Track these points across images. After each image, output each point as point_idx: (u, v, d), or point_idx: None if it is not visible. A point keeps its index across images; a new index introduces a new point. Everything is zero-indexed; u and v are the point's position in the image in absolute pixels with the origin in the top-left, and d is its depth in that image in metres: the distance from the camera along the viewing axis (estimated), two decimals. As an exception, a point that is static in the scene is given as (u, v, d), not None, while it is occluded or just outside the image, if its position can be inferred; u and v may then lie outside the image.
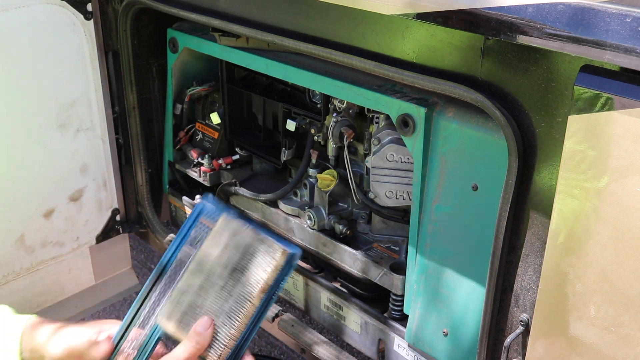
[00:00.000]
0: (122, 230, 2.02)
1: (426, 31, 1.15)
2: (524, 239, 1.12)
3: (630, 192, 0.90)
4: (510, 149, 1.06)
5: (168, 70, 1.84)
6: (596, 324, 0.99)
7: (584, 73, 0.92)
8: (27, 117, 1.71)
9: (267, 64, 1.52)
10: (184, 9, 1.57)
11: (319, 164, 1.60)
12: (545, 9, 0.94)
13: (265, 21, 1.42)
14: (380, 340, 1.51)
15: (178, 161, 1.96)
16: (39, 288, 1.89)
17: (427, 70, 1.17)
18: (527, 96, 1.05)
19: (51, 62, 1.71)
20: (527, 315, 1.15)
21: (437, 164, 1.24)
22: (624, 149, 0.89)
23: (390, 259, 1.48)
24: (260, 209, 1.75)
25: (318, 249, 1.61)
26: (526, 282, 1.14)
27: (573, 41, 0.91)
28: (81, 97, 1.80)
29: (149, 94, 1.90)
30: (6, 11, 1.59)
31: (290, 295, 1.73)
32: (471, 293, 1.24)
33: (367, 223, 1.59)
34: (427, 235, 1.29)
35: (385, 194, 1.42)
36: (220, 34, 1.61)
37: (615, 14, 0.87)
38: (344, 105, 1.48)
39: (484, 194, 1.17)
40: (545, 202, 1.07)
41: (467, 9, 1.02)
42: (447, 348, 1.32)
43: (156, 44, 1.84)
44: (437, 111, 1.23)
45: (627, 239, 0.92)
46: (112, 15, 1.79)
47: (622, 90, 0.88)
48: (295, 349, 1.71)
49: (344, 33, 1.27)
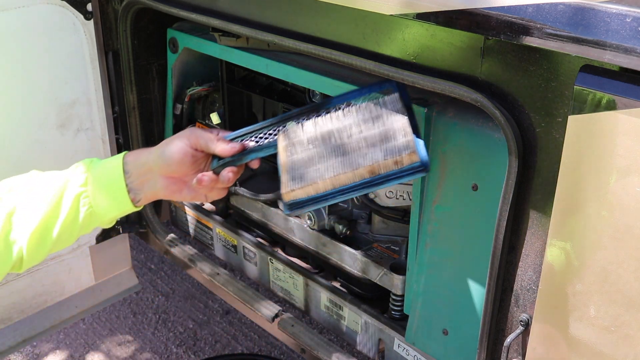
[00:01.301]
0: (122, 230, 2.02)
1: (426, 31, 1.15)
2: (524, 239, 1.12)
3: (630, 192, 0.90)
4: (510, 149, 1.06)
5: (168, 70, 1.84)
6: (596, 324, 0.99)
7: (584, 73, 0.92)
8: (27, 117, 1.71)
9: (267, 64, 1.52)
10: (184, 9, 1.57)
11: (319, 164, 1.60)
12: (545, 9, 0.94)
13: (265, 21, 1.42)
14: (380, 340, 1.51)
15: (178, 161, 1.96)
16: (39, 288, 1.89)
17: (427, 70, 1.17)
18: (527, 96, 1.05)
19: (51, 62, 1.71)
20: (527, 315, 1.15)
21: (437, 164, 1.24)
22: (624, 149, 0.89)
23: (390, 259, 1.48)
24: (260, 209, 1.75)
25: (318, 249, 1.61)
26: (526, 282, 1.14)
27: (573, 41, 0.91)
28: (81, 97, 1.80)
29: (149, 94, 1.90)
30: (6, 11, 1.59)
31: (290, 295, 1.73)
32: (471, 293, 1.24)
33: (367, 223, 1.59)
34: (427, 235, 1.29)
35: (385, 194, 1.42)
36: (220, 34, 1.61)
37: (615, 14, 0.87)
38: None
39: (484, 194, 1.18)
40: (545, 202, 1.07)
41: (467, 9, 1.02)
42: (447, 348, 1.32)
43: (156, 44, 1.84)
44: (437, 111, 1.23)
45: (627, 239, 0.92)
46: (112, 15, 1.79)
47: (622, 90, 0.88)
48: (295, 349, 1.71)
49: (344, 33, 1.27)
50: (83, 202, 1.14)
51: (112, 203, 1.16)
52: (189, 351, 2.63)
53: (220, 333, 2.72)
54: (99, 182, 1.15)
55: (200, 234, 1.97)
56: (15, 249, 1.12)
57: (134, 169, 1.16)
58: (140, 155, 1.18)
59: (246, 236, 1.81)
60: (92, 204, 1.14)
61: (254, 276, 1.84)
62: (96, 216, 1.16)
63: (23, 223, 1.12)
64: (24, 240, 1.12)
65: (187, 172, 1.18)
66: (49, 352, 2.61)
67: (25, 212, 1.13)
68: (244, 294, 1.80)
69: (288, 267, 1.70)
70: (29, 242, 1.12)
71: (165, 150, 1.16)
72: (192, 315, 2.81)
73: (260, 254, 1.78)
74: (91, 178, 1.15)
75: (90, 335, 2.71)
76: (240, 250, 1.83)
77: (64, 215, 1.13)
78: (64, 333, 2.70)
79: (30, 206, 1.13)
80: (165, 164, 1.16)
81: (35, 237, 1.13)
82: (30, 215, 1.12)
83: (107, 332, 2.73)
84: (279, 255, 1.74)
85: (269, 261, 1.76)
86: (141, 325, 2.77)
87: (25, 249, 1.12)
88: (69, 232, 1.15)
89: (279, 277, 1.74)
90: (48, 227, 1.13)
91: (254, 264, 1.81)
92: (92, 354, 2.62)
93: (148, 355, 2.61)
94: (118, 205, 1.17)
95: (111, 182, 1.15)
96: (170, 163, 1.16)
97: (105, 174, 1.16)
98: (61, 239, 1.15)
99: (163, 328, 2.75)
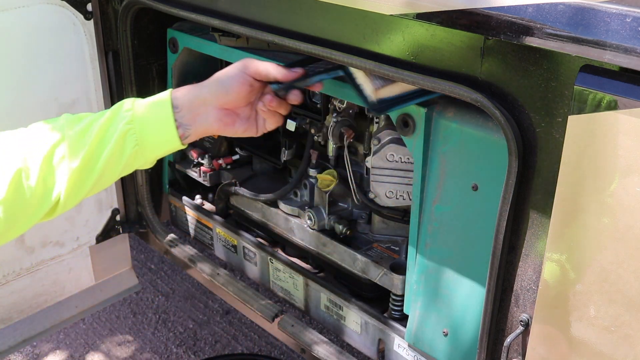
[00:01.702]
0: (122, 230, 2.02)
1: (426, 31, 1.15)
2: (524, 239, 1.12)
3: (630, 192, 0.90)
4: (510, 149, 1.06)
5: (168, 70, 1.84)
6: (596, 324, 0.99)
7: (584, 73, 0.92)
8: (27, 117, 1.71)
9: (267, 64, 1.52)
10: (184, 9, 1.57)
11: (319, 164, 1.60)
12: (545, 9, 0.94)
13: (265, 21, 1.42)
14: (380, 340, 1.51)
15: (178, 161, 1.97)
16: (39, 288, 1.89)
17: (427, 70, 1.17)
18: (527, 96, 1.05)
19: (51, 62, 1.71)
20: (527, 315, 1.15)
21: (437, 164, 1.24)
22: (624, 149, 0.89)
23: (390, 259, 1.48)
24: (260, 209, 1.75)
25: (318, 249, 1.61)
26: (526, 282, 1.14)
27: (573, 41, 0.91)
28: (81, 97, 1.79)
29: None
30: (6, 11, 1.59)
31: (290, 295, 1.73)
32: (471, 293, 1.24)
33: (367, 223, 1.59)
34: (427, 235, 1.29)
35: (385, 194, 1.42)
36: (220, 34, 1.61)
37: (615, 14, 0.87)
38: (344, 105, 1.48)
39: (484, 194, 1.17)
40: (545, 202, 1.07)
41: (467, 9, 1.02)
42: (447, 348, 1.32)
43: (156, 44, 1.84)
44: (437, 111, 1.23)
45: (627, 239, 0.92)
46: (112, 15, 1.79)
47: (622, 90, 0.88)
48: (295, 349, 1.71)
49: (344, 33, 1.27)
50: (130, 139, 1.12)
51: (161, 139, 1.14)
52: (189, 351, 2.63)
53: (220, 333, 2.72)
54: (146, 118, 1.13)
55: (200, 234, 1.97)
56: (55, 192, 1.11)
57: (186, 103, 1.15)
58: (190, 90, 1.17)
59: (246, 236, 1.81)
60: (139, 142, 1.12)
61: (254, 276, 1.84)
62: (142, 154, 1.14)
63: (63, 164, 1.10)
64: (63, 181, 1.10)
65: (241, 103, 1.19)
66: (49, 352, 2.62)
67: (66, 151, 1.10)
68: (244, 294, 1.80)
69: (288, 267, 1.70)
70: (69, 182, 1.10)
71: (224, 79, 1.17)
72: (192, 315, 2.81)
73: (260, 254, 1.78)
74: (138, 114, 1.13)
75: (90, 335, 2.71)
76: (240, 250, 1.83)
77: (107, 153, 1.11)
78: (64, 333, 2.70)
79: (70, 145, 1.10)
80: (224, 92, 1.16)
81: (75, 177, 1.10)
82: (71, 155, 1.10)
83: (107, 332, 2.73)
84: (279, 255, 1.74)
85: (269, 261, 1.76)
86: (141, 325, 2.77)
87: (64, 191, 1.10)
88: (110, 173, 1.13)
89: (279, 277, 1.74)
90: (90, 167, 1.11)
91: (254, 264, 1.81)
92: (92, 354, 2.62)
93: (148, 355, 2.61)
94: (166, 142, 1.15)
95: (160, 118, 1.14)
96: (229, 91, 1.16)
97: (154, 110, 1.14)
98: (101, 180, 1.13)
99: (163, 328, 2.75)
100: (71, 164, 1.10)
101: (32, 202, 1.10)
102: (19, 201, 1.08)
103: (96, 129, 1.11)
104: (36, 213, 1.11)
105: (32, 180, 1.08)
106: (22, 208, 1.09)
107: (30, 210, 1.11)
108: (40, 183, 1.09)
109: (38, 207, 1.11)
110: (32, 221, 1.13)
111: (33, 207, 1.10)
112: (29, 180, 1.08)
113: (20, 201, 1.08)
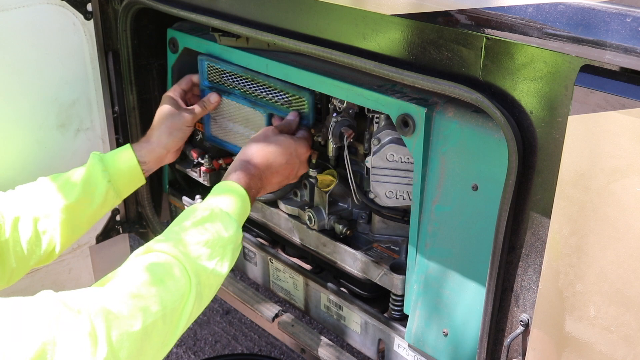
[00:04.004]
0: (122, 230, 2.02)
1: (426, 31, 1.15)
2: (524, 239, 1.12)
3: (630, 192, 0.90)
4: (510, 149, 1.06)
5: (168, 70, 1.84)
6: (596, 324, 0.99)
7: (584, 73, 0.92)
8: (27, 117, 1.71)
9: (267, 64, 1.52)
10: (184, 9, 1.57)
11: (319, 164, 1.60)
12: (545, 9, 0.94)
13: (265, 21, 1.42)
14: (380, 340, 1.51)
15: (178, 161, 1.96)
16: (39, 288, 1.88)
17: (427, 70, 1.17)
18: (527, 96, 1.05)
19: (51, 62, 1.71)
20: (527, 315, 1.15)
21: (437, 164, 1.24)
22: (624, 149, 0.89)
23: (390, 259, 1.48)
24: (260, 209, 1.75)
25: (318, 249, 1.61)
26: (526, 282, 1.14)
27: (573, 41, 0.91)
28: (81, 97, 1.79)
29: (149, 94, 1.90)
30: (6, 11, 1.59)
31: (290, 295, 1.73)
32: (471, 293, 1.24)
33: (367, 223, 1.59)
34: (427, 235, 1.29)
35: (385, 194, 1.42)
36: (220, 34, 1.61)
37: (615, 14, 0.87)
38: (344, 105, 1.48)
39: (484, 194, 1.18)
40: (545, 202, 1.07)
41: (467, 9, 1.02)
42: (447, 348, 1.32)
43: (156, 44, 1.84)
44: (437, 111, 1.23)
45: (627, 239, 0.92)
46: (112, 15, 1.79)
47: (622, 90, 0.88)
48: (295, 349, 1.71)
49: (344, 33, 1.27)
50: (111, 194, 1.53)
51: (132, 187, 1.59)
52: (189, 351, 2.63)
53: (220, 333, 2.72)
54: (121, 176, 1.54)
55: (200, 234, 1.96)
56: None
57: (151, 159, 1.60)
58: (152, 149, 1.61)
59: (246, 236, 1.81)
60: (119, 194, 1.55)
61: (254, 276, 1.84)
62: (119, 200, 1.57)
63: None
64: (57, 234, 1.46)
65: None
66: (49, 352, 2.61)
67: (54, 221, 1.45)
68: (244, 294, 1.80)
69: (288, 267, 1.70)
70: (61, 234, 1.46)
71: (168, 142, 1.63)
72: (192, 315, 2.81)
73: (261, 254, 1.78)
74: (114, 175, 1.52)
75: (90, 335, 2.71)
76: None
77: (94, 207, 1.50)
78: (64, 333, 2.70)
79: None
80: (176, 148, 1.67)
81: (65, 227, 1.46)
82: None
83: (107, 332, 2.73)
84: (279, 255, 1.74)
85: (269, 261, 1.76)
86: (141, 325, 2.77)
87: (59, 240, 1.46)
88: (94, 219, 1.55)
89: (279, 277, 1.74)
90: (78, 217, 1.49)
91: (254, 264, 1.81)
92: (92, 354, 2.61)
93: (148, 355, 2.60)
94: (135, 187, 1.60)
95: (132, 175, 1.56)
96: (179, 146, 1.69)
97: (126, 170, 1.55)
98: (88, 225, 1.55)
99: (163, 328, 2.75)
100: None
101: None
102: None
103: (79, 190, 1.49)
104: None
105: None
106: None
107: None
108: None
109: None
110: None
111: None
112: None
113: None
